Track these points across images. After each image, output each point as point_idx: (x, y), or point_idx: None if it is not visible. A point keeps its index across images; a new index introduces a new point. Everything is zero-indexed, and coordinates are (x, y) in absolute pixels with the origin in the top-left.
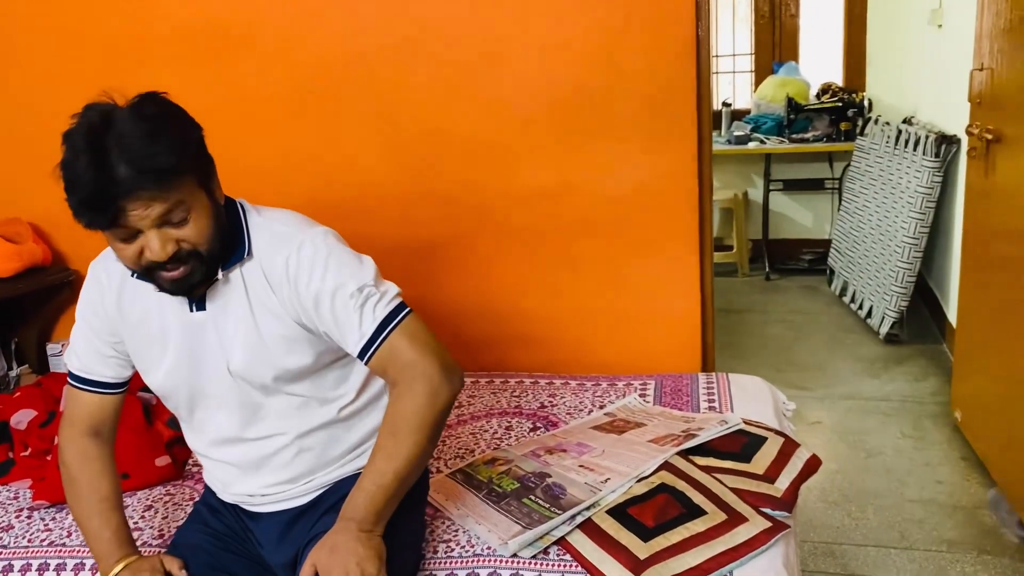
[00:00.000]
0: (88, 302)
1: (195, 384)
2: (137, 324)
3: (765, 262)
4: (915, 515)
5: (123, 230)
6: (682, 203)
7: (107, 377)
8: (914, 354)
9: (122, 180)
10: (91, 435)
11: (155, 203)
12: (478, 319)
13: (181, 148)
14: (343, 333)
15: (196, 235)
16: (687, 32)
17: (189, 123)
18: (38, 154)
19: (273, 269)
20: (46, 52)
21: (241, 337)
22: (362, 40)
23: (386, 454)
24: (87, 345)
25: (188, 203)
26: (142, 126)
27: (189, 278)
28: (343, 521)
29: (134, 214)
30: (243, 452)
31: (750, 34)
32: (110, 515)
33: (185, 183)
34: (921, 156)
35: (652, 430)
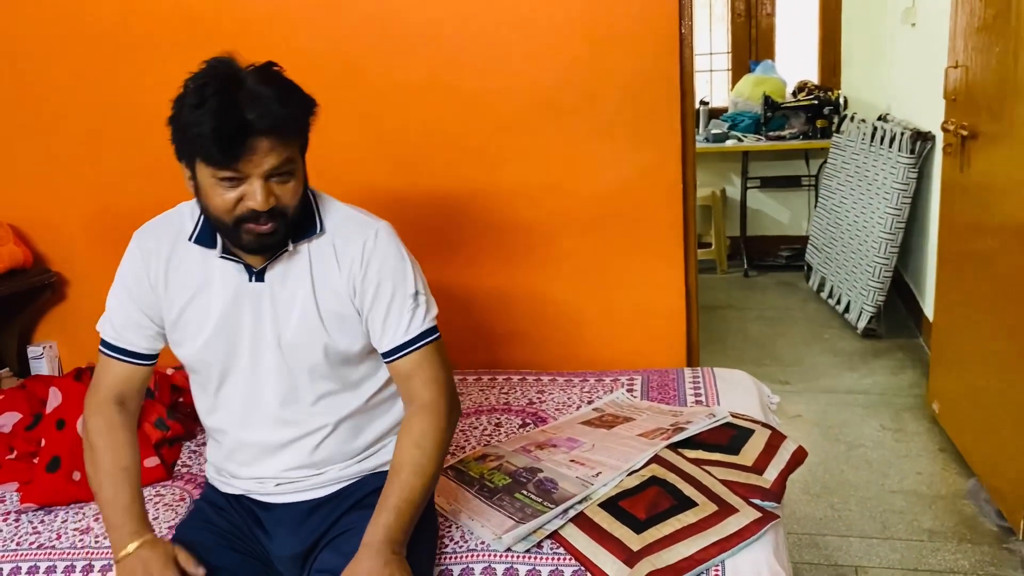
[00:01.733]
0: (131, 271)
1: (234, 356)
2: (181, 290)
3: (743, 259)
4: (896, 505)
5: (234, 173)
6: (666, 200)
7: (139, 347)
8: (891, 348)
9: (252, 122)
10: (116, 403)
11: (273, 153)
12: (465, 318)
13: (302, 114)
14: (386, 327)
15: (291, 196)
16: (670, 30)
17: (307, 97)
18: (18, 155)
19: (347, 248)
20: (27, 53)
21: (298, 310)
22: (348, 39)
23: (412, 469)
24: (123, 313)
25: (294, 164)
26: (271, 86)
27: (274, 235)
28: (372, 545)
29: (254, 159)
30: (270, 431)
31: (727, 33)
32: (128, 486)
33: (295, 146)
34: (897, 152)
35: (641, 424)
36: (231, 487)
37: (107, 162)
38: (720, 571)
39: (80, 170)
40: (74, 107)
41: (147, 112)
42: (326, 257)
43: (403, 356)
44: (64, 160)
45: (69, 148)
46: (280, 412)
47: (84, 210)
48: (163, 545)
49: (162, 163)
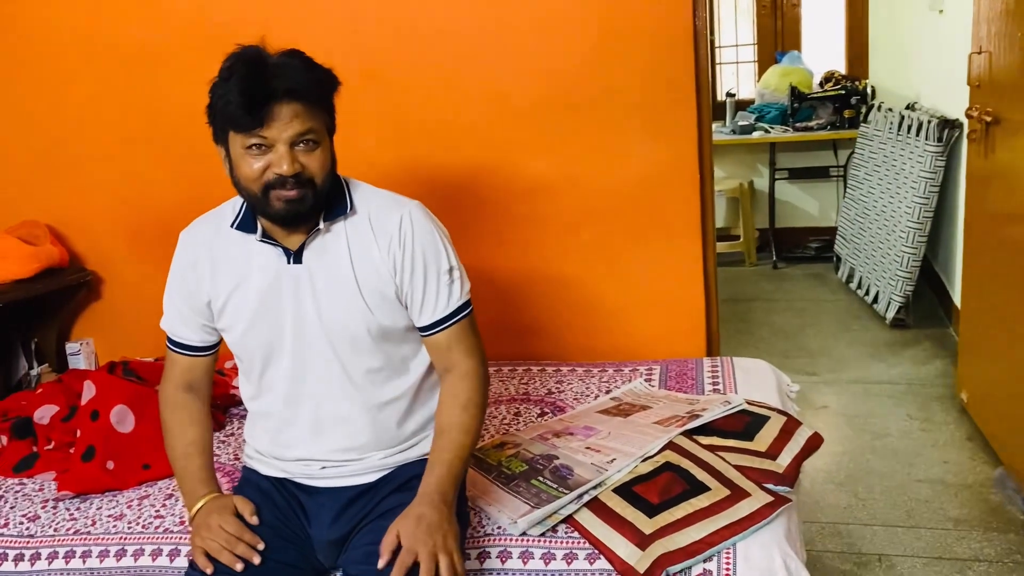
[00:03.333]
0: (179, 267)
1: (279, 338)
2: (226, 278)
3: (772, 251)
4: (922, 494)
5: (259, 139)
6: (684, 191)
7: (193, 341)
8: (920, 338)
9: (277, 88)
10: (184, 390)
11: (296, 120)
12: (484, 308)
13: (325, 85)
14: (425, 302)
15: (317, 166)
16: (685, 23)
17: (331, 73)
18: (54, 157)
19: (386, 225)
20: (61, 57)
21: (339, 289)
22: (366, 39)
23: (461, 428)
24: (176, 311)
25: (319, 134)
26: (296, 60)
27: (302, 202)
28: (426, 495)
29: (278, 124)
30: (317, 411)
31: (752, 24)
32: (195, 456)
33: (321, 118)
34: (924, 141)
35: (657, 412)
36: (275, 469)
37: (139, 164)
38: (731, 554)
39: (114, 172)
40: (107, 112)
41: (176, 116)
42: (363, 234)
43: (442, 330)
44: (98, 163)
45: (103, 151)
46: (325, 391)
47: (118, 211)
48: (224, 498)
49: (191, 164)
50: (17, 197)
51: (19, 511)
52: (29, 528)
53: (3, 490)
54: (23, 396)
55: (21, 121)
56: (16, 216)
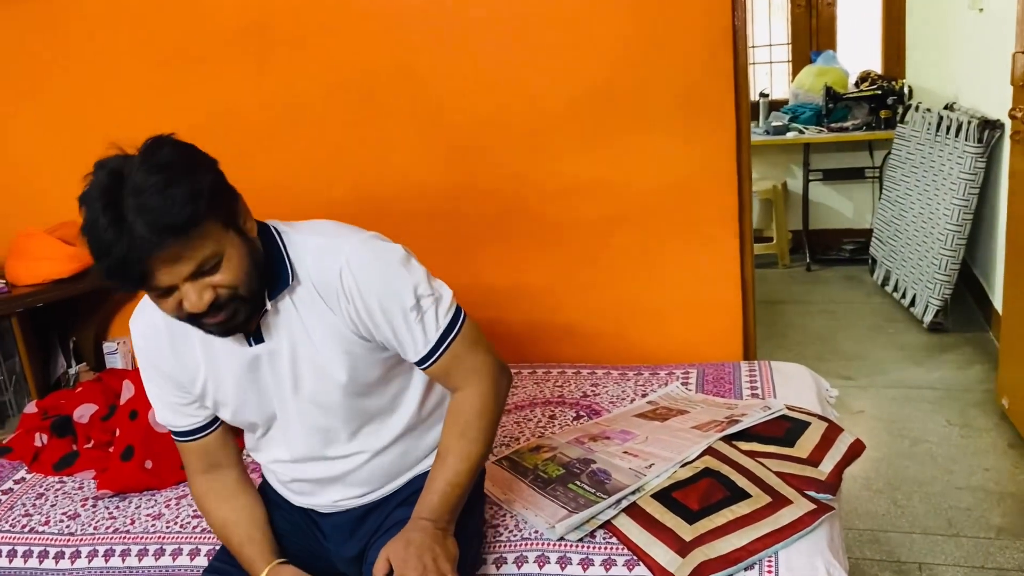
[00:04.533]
0: (145, 359)
1: (266, 414)
2: (192, 366)
3: (806, 253)
4: (962, 502)
5: (156, 292)
6: (722, 193)
7: (194, 425)
8: (959, 342)
9: (144, 242)
10: (205, 472)
11: (182, 260)
12: (519, 311)
13: (197, 196)
14: (403, 345)
15: (232, 278)
16: (724, 22)
17: (203, 165)
18: (92, 158)
19: (327, 286)
20: (99, 56)
21: (305, 363)
22: (401, 37)
23: (458, 455)
24: (163, 404)
25: (217, 249)
26: (154, 179)
27: (233, 320)
28: (418, 520)
29: (162, 274)
30: (319, 470)
31: (786, 23)
32: (235, 533)
33: (209, 231)
34: (964, 142)
35: (695, 417)
36: (299, 501)
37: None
38: (773, 563)
39: None
40: (144, 115)
41: (215, 114)
42: (311, 301)
43: (433, 363)
44: None
45: None
46: (323, 452)
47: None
48: (280, 570)
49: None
50: (56, 198)
51: (60, 509)
52: (70, 526)
53: (44, 488)
54: (63, 395)
55: (60, 122)
56: (55, 217)
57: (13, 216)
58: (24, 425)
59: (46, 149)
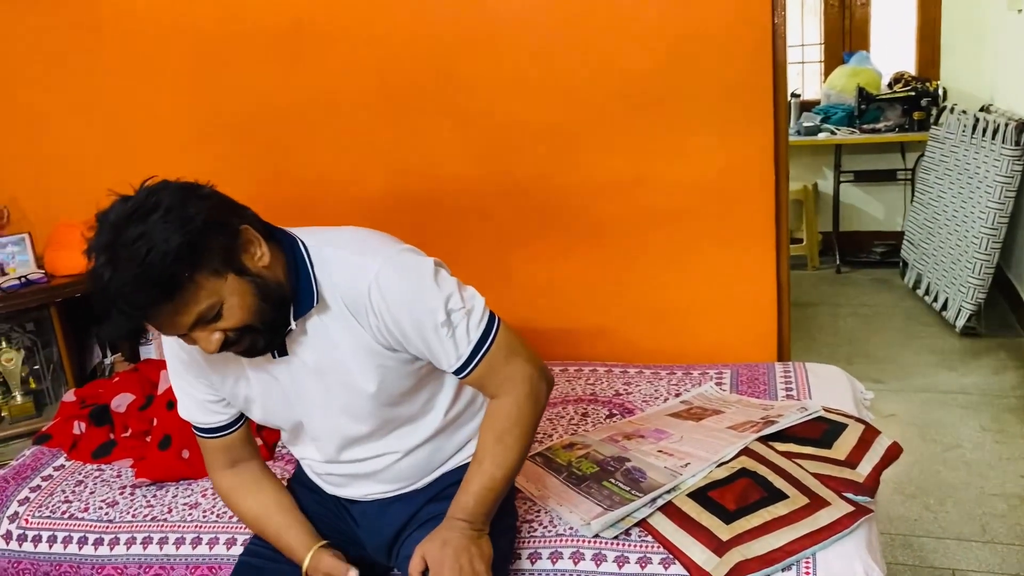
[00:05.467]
0: (173, 359)
1: (292, 421)
2: (220, 373)
3: (836, 255)
4: (997, 509)
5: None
6: (758, 193)
7: (215, 423)
8: (992, 347)
9: (137, 310)
10: (228, 467)
11: (179, 315)
12: (553, 309)
13: (180, 260)
14: (435, 356)
15: (236, 321)
16: (763, 21)
17: (189, 215)
18: (127, 151)
19: (356, 303)
20: (137, 51)
21: (333, 376)
22: (438, 35)
23: (494, 460)
24: (189, 399)
25: (213, 301)
26: (140, 243)
27: (253, 348)
28: (453, 520)
29: (166, 328)
30: (350, 468)
31: (819, 23)
32: (269, 525)
33: (201, 285)
34: (1000, 144)
35: (730, 417)
36: (331, 490)
37: (207, 159)
38: (811, 564)
39: (182, 166)
40: (178, 107)
41: (249, 110)
42: (341, 317)
43: (470, 372)
44: (169, 157)
45: (173, 145)
46: (353, 455)
47: None
48: (326, 555)
49: (256, 161)
50: (95, 189)
51: (98, 496)
52: (108, 513)
53: (83, 475)
54: (100, 384)
55: (98, 115)
56: (95, 208)
57: (53, 208)
58: (63, 413)
59: (85, 142)
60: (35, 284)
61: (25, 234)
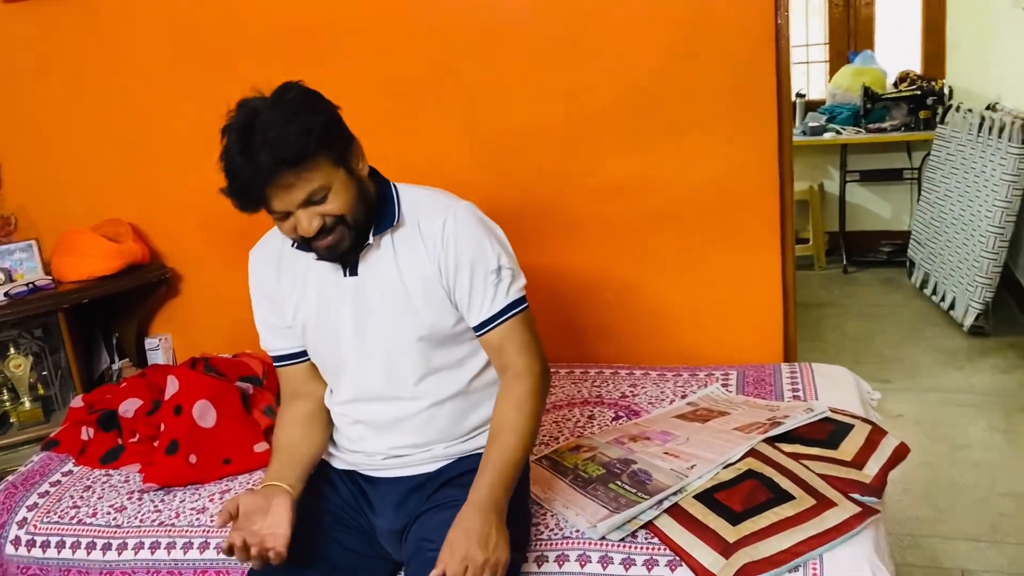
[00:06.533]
0: (254, 285)
1: (344, 345)
2: (291, 293)
3: (842, 255)
4: (1007, 509)
5: (274, 213)
6: (763, 194)
7: (283, 350)
8: (1000, 346)
9: (264, 171)
10: (288, 400)
11: (294, 189)
12: (558, 311)
13: (309, 133)
14: (472, 302)
15: (339, 207)
16: (766, 21)
17: (320, 107)
18: (137, 158)
19: (431, 231)
20: (141, 57)
21: (390, 299)
22: (441, 40)
23: (512, 429)
24: (264, 324)
25: (326, 182)
26: (277, 118)
27: (339, 245)
28: (475, 503)
29: (278, 200)
30: (379, 412)
31: (823, 23)
32: (278, 456)
33: (320, 164)
34: (1007, 143)
35: (737, 418)
36: (341, 462)
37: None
38: (818, 565)
39: (193, 172)
40: (187, 113)
41: None
42: (411, 242)
43: (492, 329)
44: (179, 163)
45: (184, 151)
46: (386, 392)
47: (197, 209)
48: (270, 495)
49: None
50: (102, 196)
51: (107, 501)
52: (116, 518)
53: (91, 480)
54: (108, 389)
55: (106, 122)
56: (101, 215)
57: (60, 214)
58: (71, 419)
59: (91, 149)
60: (43, 290)
61: (32, 240)
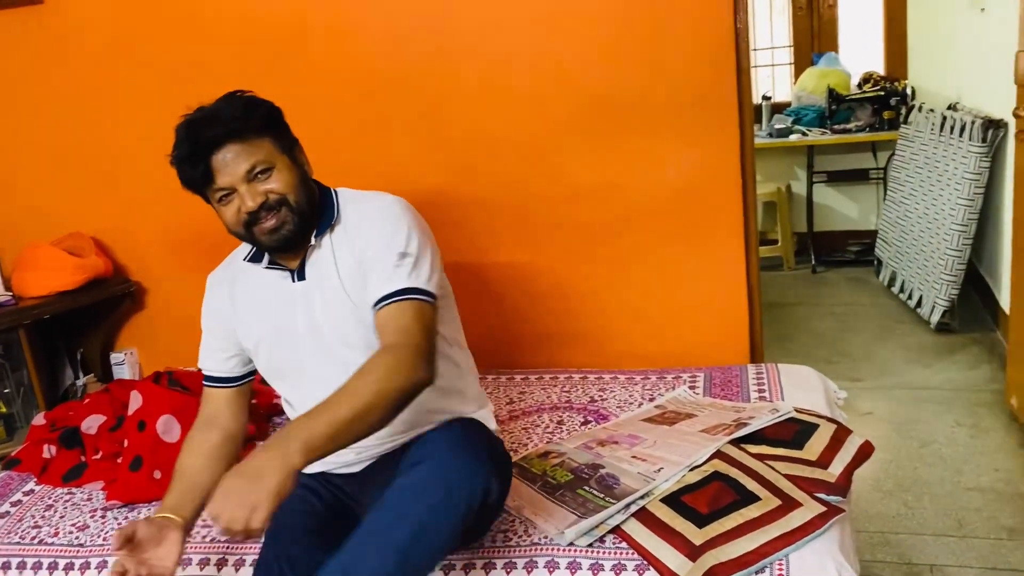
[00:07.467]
0: (207, 312)
1: (301, 351)
2: (247, 312)
3: (811, 255)
4: (973, 503)
5: (221, 190)
6: (726, 196)
7: (214, 372)
8: (967, 342)
9: (210, 140)
10: (202, 424)
11: (239, 158)
12: (526, 318)
13: (254, 109)
14: (370, 281)
15: (282, 185)
16: (726, 25)
17: (266, 103)
18: (99, 170)
19: (357, 222)
20: (104, 71)
21: (333, 298)
22: (403, 48)
23: (349, 391)
24: (205, 346)
25: (270, 160)
26: (223, 105)
27: (283, 227)
28: (269, 446)
29: (224, 170)
30: None
31: (788, 26)
32: (175, 479)
33: (264, 143)
34: (968, 142)
35: (703, 420)
36: (313, 467)
37: None
38: (784, 566)
39: (156, 185)
40: (150, 126)
41: None
42: (345, 240)
43: (385, 305)
44: (142, 176)
45: (146, 164)
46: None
47: (160, 222)
48: (164, 527)
49: None
50: (63, 210)
51: (69, 520)
52: (79, 537)
53: (53, 499)
54: (70, 406)
55: (67, 136)
56: (62, 228)
57: (20, 229)
58: (32, 437)
59: (51, 162)
60: (3, 306)
61: None
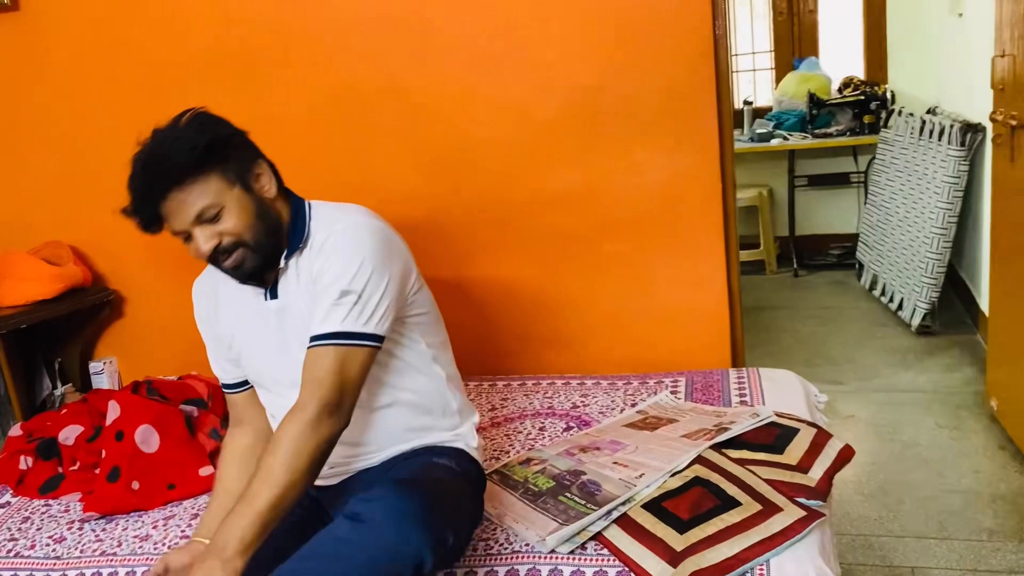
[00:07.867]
0: (198, 315)
1: (277, 368)
2: (230, 321)
3: (793, 259)
4: (954, 505)
5: (176, 233)
6: (706, 201)
7: (225, 378)
8: (947, 344)
9: (154, 191)
10: (234, 425)
11: (184, 206)
12: (508, 324)
13: (193, 151)
14: (314, 314)
15: (234, 226)
16: (705, 31)
17: (211, 127)
18: (76, 178)
19: (321, 245)
20: (84, 78)
21: (303, 327)
22: (386, 55)
23: (263, 476)
24: (212, 353)
25: (216, 200)
26: (165, 139)
27: (242, 266)
28: (208, 555)
29: (172, 219)
30: None
31: (769, 31)
32: (215, 492)
33: (210, 182)
34: (947, 146)
35: (684, 425)
36: None
37: None
38: (765, 570)
39: None
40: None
41: None
42: (309, 263)
43: (310, 347)
44: (120, 183)
45: (123, 172)
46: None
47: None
48: (196, 553)
49: None
50: (40, 218)
51: (45, 532)
52: (56, 550)
53: (29, 511)
54: (48, 416)
55: (44, 143)
56: (39, 237)
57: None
58: (8, 448)
59: (28, 169)
60: None
61: None
